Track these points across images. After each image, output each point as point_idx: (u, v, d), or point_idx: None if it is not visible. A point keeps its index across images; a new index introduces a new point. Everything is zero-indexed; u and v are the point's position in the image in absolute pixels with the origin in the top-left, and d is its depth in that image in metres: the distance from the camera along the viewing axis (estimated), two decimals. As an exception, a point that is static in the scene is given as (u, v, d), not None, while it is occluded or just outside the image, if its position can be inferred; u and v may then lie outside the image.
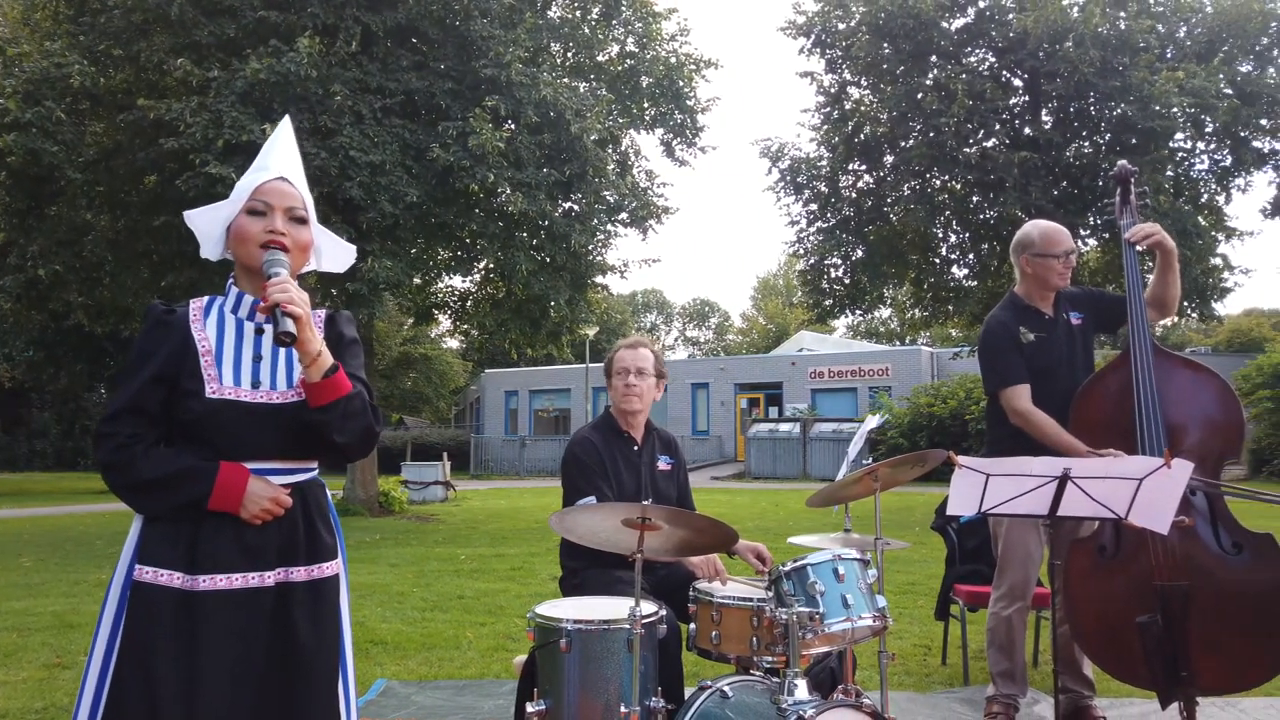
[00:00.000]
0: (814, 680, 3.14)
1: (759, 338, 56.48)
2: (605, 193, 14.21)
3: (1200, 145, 14.81)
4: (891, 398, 26.26)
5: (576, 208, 14.30)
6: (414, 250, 14.35)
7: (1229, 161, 14.48)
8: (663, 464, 3.48)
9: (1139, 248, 3.52)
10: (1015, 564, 3.70)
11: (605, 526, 2.52)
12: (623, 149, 15.65)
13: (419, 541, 10.92)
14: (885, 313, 23.65)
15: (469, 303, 16.99)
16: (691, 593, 2.88)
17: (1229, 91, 13.43)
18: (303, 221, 2.01)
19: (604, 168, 13.76)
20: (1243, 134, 13.95)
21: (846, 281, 17.67)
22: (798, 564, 2.61)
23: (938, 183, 15.94)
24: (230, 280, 2.04)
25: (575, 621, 2.55)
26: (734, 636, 2.73)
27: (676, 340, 67.31)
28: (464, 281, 17.05)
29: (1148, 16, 13.84)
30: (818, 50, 16.12)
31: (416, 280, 15.42)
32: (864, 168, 16.89)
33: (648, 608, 2.57)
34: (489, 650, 5.13)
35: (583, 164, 13.23)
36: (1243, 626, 3.15)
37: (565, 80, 14.20)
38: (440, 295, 17.41)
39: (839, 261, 17.47)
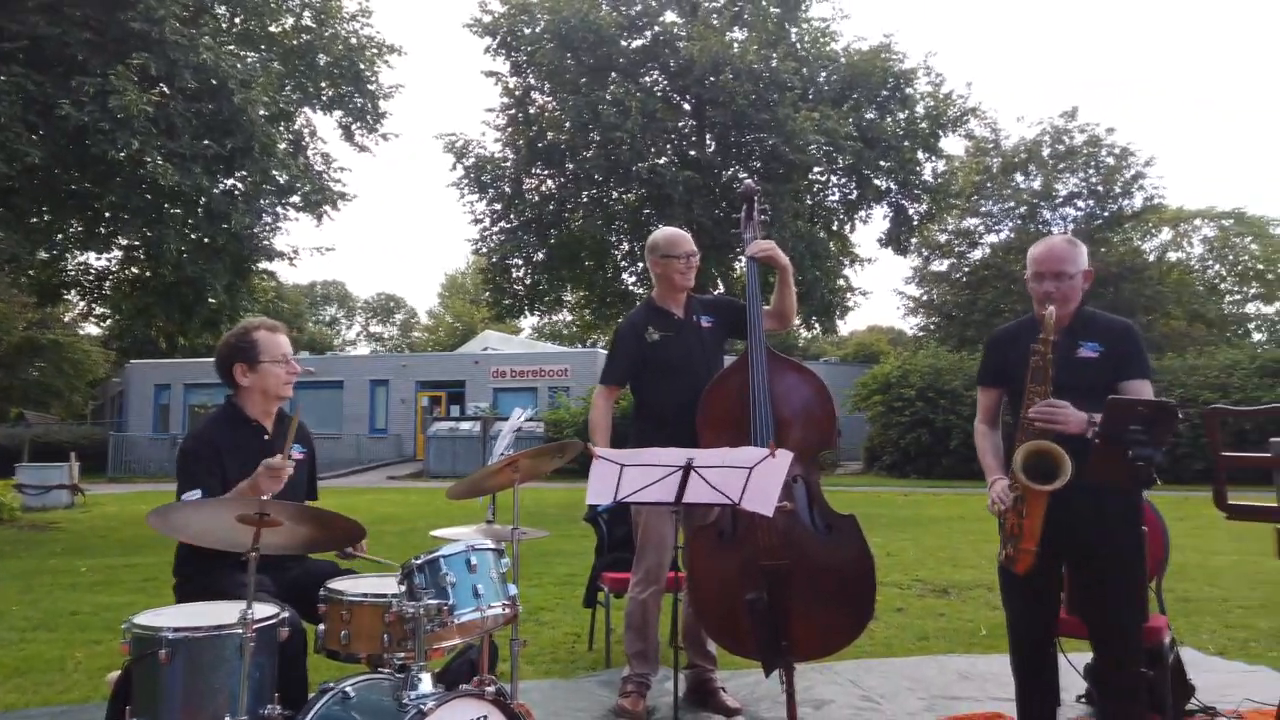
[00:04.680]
0: (454, 674, 3.14)
1: (446, 335, 55.65)
2: (274, 172, 13.26)
3: (833, 179, 16.91)
4: (569, 397, 27.08)
5: (240, 186, 13.22)
6: (36, 220, 12.45)
7: (854, 195, 16.66)
8: (294, 454, 3.30)
9: (756, 259, 3.93)
10: (651, 550, 3.95)
11: (218, 524, 2.34)
12: (296, 127, 14.73)
13: (31, 553, 9.50)
14: (569, 315, 24.39)
15: (107, 283, 15.04)
16: (322, 592, 2.77)
17: (856, 134, 15.41)
18: None
19: (273, 145, 12.81)
20: (866, 172, 16.10)
21: (527, 282, 17.99)
22: (430, 556, 2.60)
23: (615, 194, 16.72)
24: None
25: (178, 629, 2.34)
26: (364, 635, 2.67)
27: (359, 335, 64.49)
28: (101, 259, 15.08)
29: (793, 59, 15.53)
30: (503, 52, 16.26)
31: (41, 255, 13.39)
32: (547, 172, 17.29)
33: (264, 610, 2.42)
34: (100, 671, 4.55)
35: (248, 138, 12.22)
36: (830, 598, 3.60)
37: (232, 48, 13.08)
38: (72, 273, 15.23)
39: (521, 262, 17.74)
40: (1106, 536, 2.94)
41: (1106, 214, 32.82)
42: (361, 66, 14.56)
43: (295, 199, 14.13)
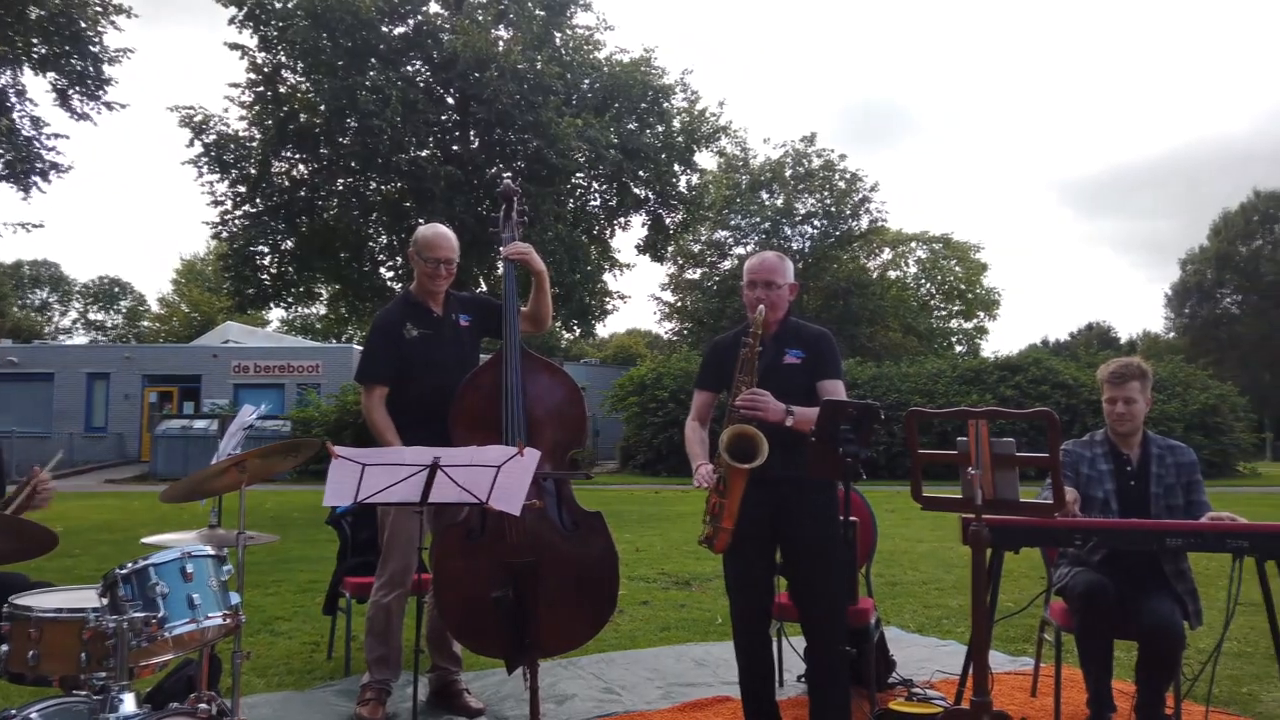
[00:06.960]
0: (168, 692, 2.90)
1: (180, 326, 50.98)
2: (-34, 134, 11.62)
3: (595, 185, 17.24)
4: (320, 395, 25.78)
5: (-78, 146, 11.46)
6: None
7: (615, 202, 17.09)
8: None
9: (511, 260, 3.94)
10: (398, 551, 3.83)
11: None
12: (-2, 86, 13.00)
13: None
14: (323, 309, 23.06)
15: None
16: (5, 609, 2.45)
17: (616, 142, 15.80)
18: None
19: (-34, 104, 11.22)
20: (626, 181, 16.55)
21: (274, 272, 16.88)
22: (138, 565, 2.37)
23: (373, 184, 16.08)
24: None
25: None
26: (57, 654, 2.38)
27: (76, 323, 57.68)
28: None
29: (558, 64, 15.66)
30: (251, 25, 15.14)
31: None
32: (299, 157, 16.30)
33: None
34: None
35: (-67, 94, 10.62)
36: (574, 593, 3.66)
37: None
38: None
39: (267, 250, 16.62)
40: (809, 528, 3.23)
41: (838, 233, 35.97)
42: (83, 25, 13.11)
43: (-6, 166, 12.47)
